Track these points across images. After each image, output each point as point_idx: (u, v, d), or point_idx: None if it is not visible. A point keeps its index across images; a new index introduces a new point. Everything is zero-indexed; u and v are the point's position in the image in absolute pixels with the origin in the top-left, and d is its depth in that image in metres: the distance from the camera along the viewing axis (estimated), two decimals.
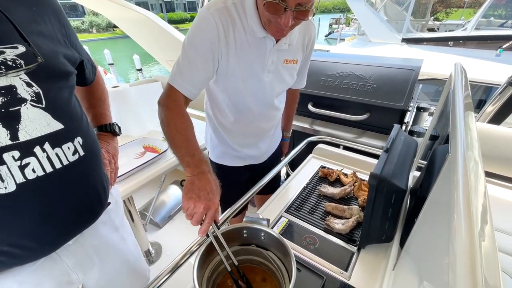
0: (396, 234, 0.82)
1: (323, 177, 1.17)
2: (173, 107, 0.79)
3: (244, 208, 0.99)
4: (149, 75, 11.61)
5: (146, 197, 2.09)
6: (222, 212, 0.92)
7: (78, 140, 0.59)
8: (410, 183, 1.05)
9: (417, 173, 1.08)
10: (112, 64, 7.17)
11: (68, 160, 0.56)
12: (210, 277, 0.66)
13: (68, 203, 0.58)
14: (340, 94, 1.49)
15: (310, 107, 1.58)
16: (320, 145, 1.34)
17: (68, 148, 0.57)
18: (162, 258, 1.62)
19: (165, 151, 1.33)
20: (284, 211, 0.98)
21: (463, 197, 0.35)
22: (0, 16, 0.48)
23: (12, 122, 0.47)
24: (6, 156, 0.46)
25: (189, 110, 2.32)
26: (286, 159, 1.22)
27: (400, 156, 0.82)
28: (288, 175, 1.22)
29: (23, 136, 0.48)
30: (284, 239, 0.65)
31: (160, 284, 0.68)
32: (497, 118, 1.61)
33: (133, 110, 1.61)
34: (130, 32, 2.44)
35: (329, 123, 1.60)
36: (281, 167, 1.17)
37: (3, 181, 0.46)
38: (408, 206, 0.93)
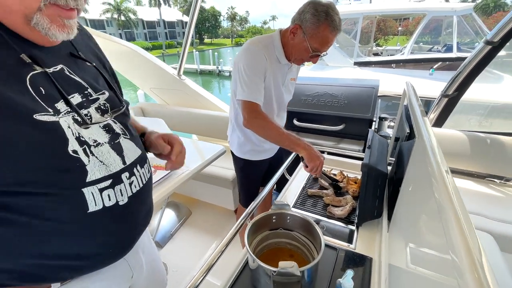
0: (383, 210, 1.06)
1: (316, 178, 1.39)
2: (263, 116, 1.18)
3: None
4: None
5: None
6: (246, 204, 1.05)
7: (148, 161, 0.73)
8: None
9: (389, 167, 1.36)
10: None
11: (147, 178, 0.70)
12: (255, 248, 0.81)
13: (145, 208, 0.71)
14: (319, 110, 1.78)
15: (295, 122, 1.85)
16: None
17: (146, 168, 0.70)
18: (170, 275, 1.65)
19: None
20: (292, 207, 1.17)
21: (438, 174, 0.48)
22: (95, 71, 0.62)
23: (120, 151, 0.60)
24: (123, 177, 0.59)
25: (207, 138, 2.44)
26: (284, 165, 1.43)
27: (378, 150, 1.08)
28: (287, 180, 1.42)
29: (127, 160, 0.61)
30: (307, 217, 0.84)
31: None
32: (438, 123, 2.04)
33: None
34: (113, 63, 2.54)
35: (312, 135, 1.88)
36: (284, 169, 1.37)
37: (122, 195, 0.59)
38: (387, 190, 1.18)
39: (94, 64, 0.63)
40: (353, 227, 1.04)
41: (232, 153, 1.52)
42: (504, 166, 1.76)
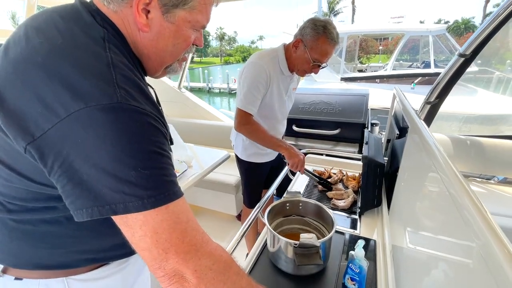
0: (382, 200, 1.17)
1: (318, 176, 1.50)
2: (252, 122, 1.32)
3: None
4: None
5: None
6: (250, 204, 1.13)
7: None
8: None
9: None
10: None
11: None
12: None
13: None
14: (316, 116, 1.93)
15: (294, 128, 1.98)
16: (309, 155, 1.70)
17: None
18: None
19: (184, 171, 1.52)
20: None
21: (444, 161, 0.51)
22: None
23: None
24: None
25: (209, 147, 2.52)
26: (287, 167, 1.53)
27: (375, 146, 1.21)
28: (290, 179, 1.52)
29: None
30: (317, 202, 0.94)
31: None
32: None
33: None
34: None
35: (310, 139, 2.01)
36: (288, 170, 1.47)
37: None
38: (384, 182, 1.30)
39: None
40: (356, 216, 1.15)
41: (236, 157, 1.61)
42: (484, 165, 1.93)
